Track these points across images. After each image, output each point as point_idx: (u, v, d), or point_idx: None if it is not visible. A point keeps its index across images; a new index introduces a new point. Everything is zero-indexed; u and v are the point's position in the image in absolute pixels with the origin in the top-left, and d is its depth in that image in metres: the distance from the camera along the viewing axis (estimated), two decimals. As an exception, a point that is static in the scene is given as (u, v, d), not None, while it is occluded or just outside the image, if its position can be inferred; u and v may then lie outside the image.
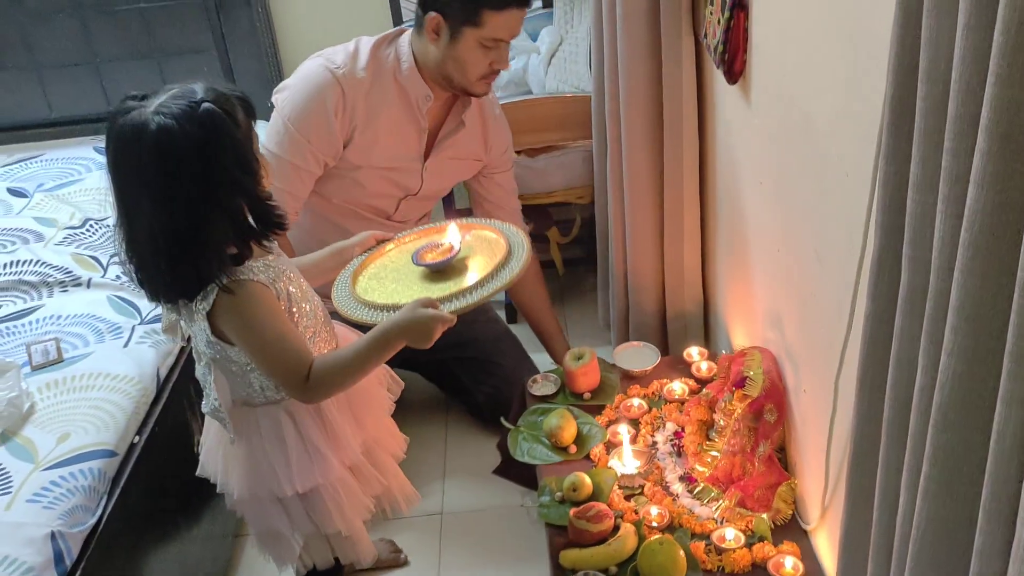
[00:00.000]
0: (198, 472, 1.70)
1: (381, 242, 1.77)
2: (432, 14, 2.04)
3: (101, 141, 2.96)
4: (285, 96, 2.09)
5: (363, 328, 1.55)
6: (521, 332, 2.69)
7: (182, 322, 1.50)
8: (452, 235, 1.69)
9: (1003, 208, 0.77)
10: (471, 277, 1.59)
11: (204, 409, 1.59)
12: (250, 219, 1.44)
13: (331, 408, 1.60)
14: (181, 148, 1.31)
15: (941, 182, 0.85)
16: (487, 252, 1.65)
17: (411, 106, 2.14)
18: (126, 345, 1.92)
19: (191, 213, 1.34)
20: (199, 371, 1.57)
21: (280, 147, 2.07)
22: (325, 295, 1.66)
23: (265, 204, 1.44)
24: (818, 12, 1.34)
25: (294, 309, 1.52)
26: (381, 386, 1.79)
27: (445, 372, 2.54)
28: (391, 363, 1.86)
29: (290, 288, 1.52)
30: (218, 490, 1.67)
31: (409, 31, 2.16)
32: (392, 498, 1.80)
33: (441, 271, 1.63)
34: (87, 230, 2.39)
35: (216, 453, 1.66)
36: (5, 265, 2.20)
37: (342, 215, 2.22)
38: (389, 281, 1.66)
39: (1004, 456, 0.80)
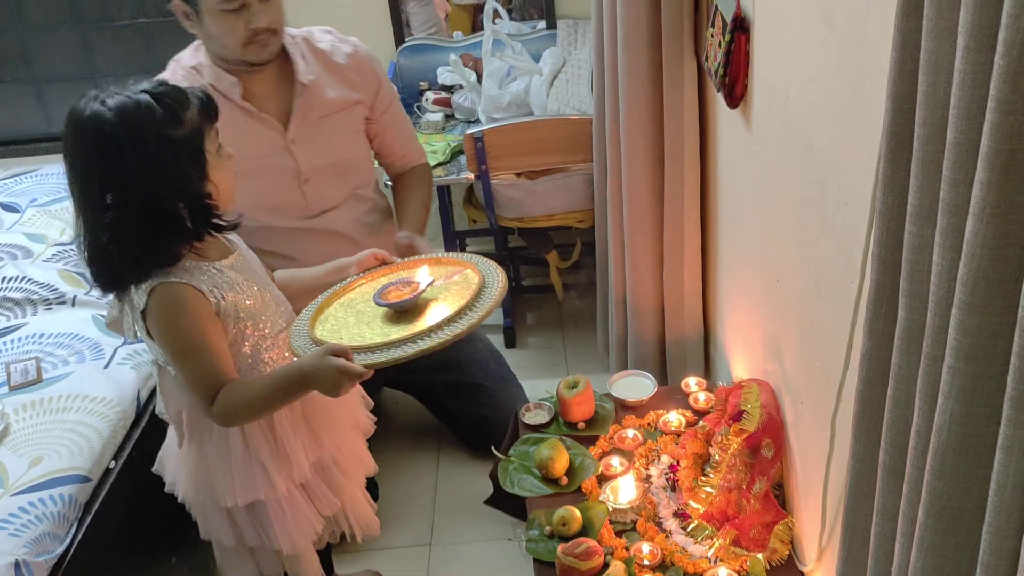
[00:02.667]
0: (154, 468, 1.65)
1: (384, 263, 1.69)
2: (174, 1, 1.95)
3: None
4: None
5: None
6: (517, 356, 2.65)
7: (128, 318, 1.47)
8: (421, 274, 1.58)
9: (1004, 241, 0.73)
10: (420, 326, 1.46)
11: (155, 410, 1.56)
12: (185, 218, 1.39)
13: (283, 423, 1.56)
14: (106, 137, 1.32)
15: (939, 213, 0.80)
16: (458, 298, 1.51)
17: (229, 100, 2.01)
18: (107, 366, 1.87)
19: (115, 203, 1.34)
20: (152, 371, 1.54)
21: None
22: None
23: (201, 201, 1.40)
24: (820, 36, 1.30)
25: (243, 324, 1.47)
26: (358, 406, 1.75)
27: (431, 396, 2.49)
28: (373, 382, 1.82)
29: (243, 301, 1.47)
30: (166, 489, 1.64)
31: None
32: (346, 521, 1.74)
33: (402, 312, 1.51)
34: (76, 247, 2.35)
35: (171, 453, 1.62)
36: (-9, 281, 2.17)
37: (265, 226, 2.10)
38: (351, 314, 1.57)
39: (1004, 508, 0.75)
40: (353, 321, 1.53)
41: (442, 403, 2.48)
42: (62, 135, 1.37)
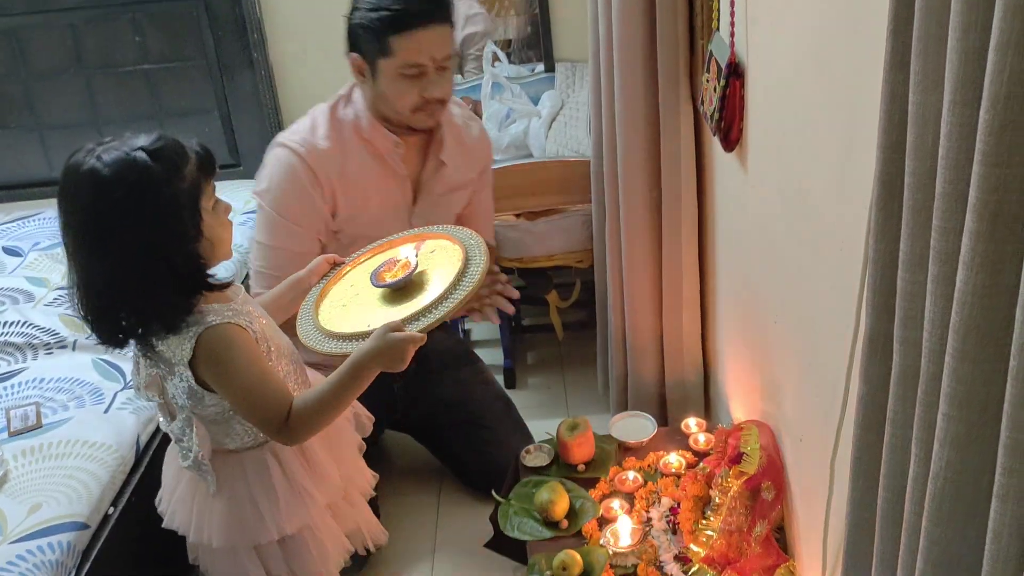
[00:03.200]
0: (164, 524, 1.63)
1: (336, 265, 1.74)
2: (353, 55, 1.98)
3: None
4: (263, 188, 2.03)
5: (334, 362, 1.52)
6: (518, 396, 2.64)
7: (161, 377, 1.47)
8: (407, 250, 1.66)
9: (994, 291, 0.73)
10: (433, 291, 1.55)
11: (184, 464, 1.54)
12: (179, 273, 1.40)
13: (314, 445, 1.59)
14: (108, 192, 1.32)
15: (930, 261, 0.81)
16: (446, 262, 1.61)
17: (383, 159, 2.07)
18: (107, 411, 1.87)
19: (119, 259, 1.34)
20: (174, 427, 1.52)
21: (274, 238, 2.02)
22: (292, 334, 1.63)
23: (192, 262, 1.40)
24: (812, 82, 1.32)
25: (272, 349, 1.51)
26: (349, 423, 1.77)
27: (436, 435, 2.48)
28: (378, 418, 1.84)
29: (265, 331, 1.51)
30: (191, 540, 1.61)
31: None
32: (361, 536, 1.78)
33: (402, 288, 1.59)
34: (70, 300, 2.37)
35: (187, 504, 1.60)
36: (-7, 326, 2.18)
37: None
38: (352, 307, 1.62)
39: (1001, 555, 0.75)
40: (360, 312, 1.59)
41: (445, 443, 2.47)
42: (59, 189, 1.36)
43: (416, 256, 1.63)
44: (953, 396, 0.78)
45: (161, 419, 1.55)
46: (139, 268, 1.35)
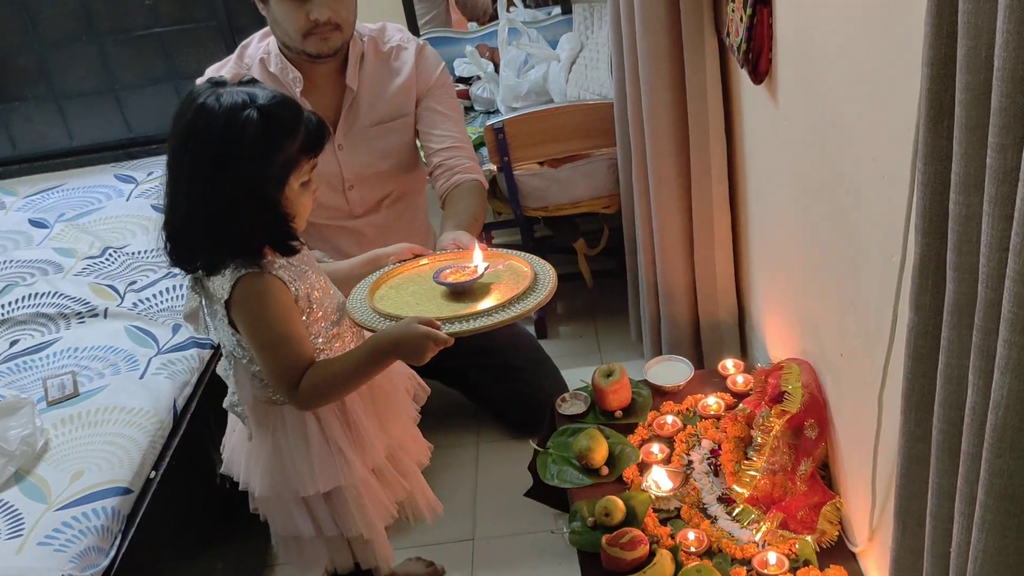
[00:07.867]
0: (222, 470, 1.68)
1: (416, 256, 1.71)
2: None
3: (122, 168, 2.95)
4: None
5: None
6: (549, 346, 2.63)
7: (204, 310, 1.50)
8: (478, 259, 1.63)
9: (1058, 208, 0.69)
10: (484, 304, 1.53)
11: (224, 404, 1.58)
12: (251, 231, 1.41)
13: (356, 409, 1.59)
14: (206, 135, 1.35)
15: (987, 181, 0.77)
16: (513, 284, 1.58)
17: (289, 93, 2.02)
18: (142, 377, 1.88)
19: (203, 195, 1.37)
20: (221, 365, 1.56)
21: None
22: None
23: (265, 224, 1.41)
24: (846, 4, 1.26)
25: (315, 311, 1.50)
26: (408, 393, 1.77)
27: (468, 382, 2.49)
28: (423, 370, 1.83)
29: (312, 292, 1.50)
30: (240, 488, 1.66)
31: None
32: (415, 505, 1.79)
33: (460, 293, 1.57)
34: (106, 259, 2.36)
35: (240, 451, 1.65)
36: (24, 298, 2.18)
37: (310, 222, 2.14)
38: (407, 294, 1.61)
39: (1071, 485, 0.72)
40: (411, 300, 1.57)
41: (480, 386, 2.48)
42: (177, 110, 1.40)
43: (485, 268, 1.60)
44: (1015, 321, 0.75)
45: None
46: (215, 207, 1.37)
